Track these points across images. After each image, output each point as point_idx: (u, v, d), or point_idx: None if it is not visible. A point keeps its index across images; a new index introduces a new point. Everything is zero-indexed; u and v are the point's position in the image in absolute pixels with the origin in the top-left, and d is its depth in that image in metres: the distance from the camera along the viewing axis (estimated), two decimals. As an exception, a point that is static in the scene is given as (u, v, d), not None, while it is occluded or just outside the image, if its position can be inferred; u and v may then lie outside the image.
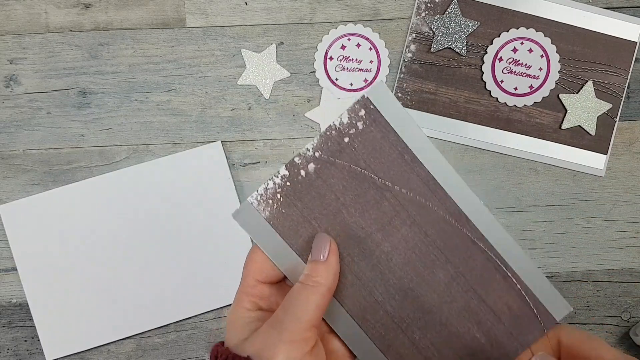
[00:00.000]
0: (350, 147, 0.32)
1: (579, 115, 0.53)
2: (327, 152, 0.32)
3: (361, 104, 0.32)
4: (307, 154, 0.32)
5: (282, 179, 0.32)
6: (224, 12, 0.54)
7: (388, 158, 0.32)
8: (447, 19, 0.52)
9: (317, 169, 0.32)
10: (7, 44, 0.53)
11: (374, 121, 0.32)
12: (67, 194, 0.52)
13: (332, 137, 0.32)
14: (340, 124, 0.32)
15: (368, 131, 0.32)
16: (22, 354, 0.53)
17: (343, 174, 0.32)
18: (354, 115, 0.32)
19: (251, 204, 0.32)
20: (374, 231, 0.33)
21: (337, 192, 0.32)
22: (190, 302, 0.52)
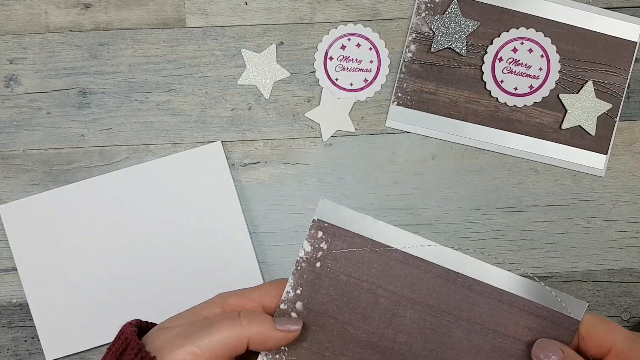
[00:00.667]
0: (325, 269, 0.33)
1: (579, 115, 0.53)
2: (306, 285, 0.33)
3: (315, 227, 0.33)
4: (288, 296, 0.33)
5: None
6: (224, 12, 0.54)
7: (363, 260, 0.33)
8: (447, 19, 0.52)
9: (305, 305, 0.33)
10: (7, 44, 0.53)
11: (334, 235, 0.33)
12: (67, 194, 0.52)
13: (305, 269, 0.33)
14: (305, 254, 0.33)
15: (333, 246, 0.33)
16: (22, 354, 0.53)
17: (331, 296, 0.33)
18: (313, 240, 0.33)
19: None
20: (384, 330, 0.33)
21: (334, 315, 0.33)
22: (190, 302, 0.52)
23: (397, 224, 0.54)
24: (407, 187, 0.53)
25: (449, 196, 0.53)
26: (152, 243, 0.52)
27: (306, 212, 0.53)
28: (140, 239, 0.52)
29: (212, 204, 0.52)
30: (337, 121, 0.53)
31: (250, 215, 0.53)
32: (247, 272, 0.52)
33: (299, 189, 0.53)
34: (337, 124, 0.53)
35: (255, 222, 0.53)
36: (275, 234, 0.53)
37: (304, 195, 0.53)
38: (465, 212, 0.53)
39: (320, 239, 0.33)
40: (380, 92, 0.54)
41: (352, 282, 0.33)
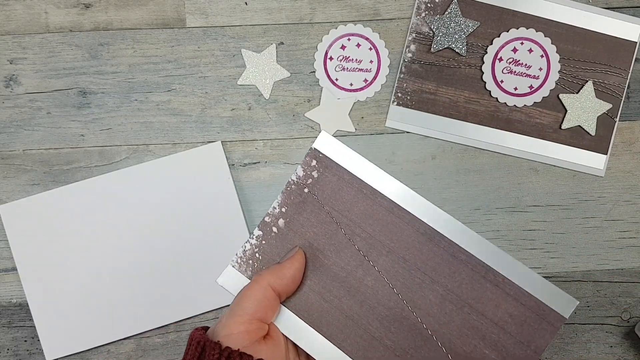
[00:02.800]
0: (312, 196, 0.34)
1: (579, 115, 0.53)
2: (292, 205, 0.34)
3: (311, 156, 0.34)
4: (274, 211, 0.34)
5: (257, 239, 0.34)
6: (224, 12, 0.54)
7: (348, 197, 0.34)
8: (447, 19, 0.52)
9: (286, 223, 0.34)
10: (7, 44, 0.53)
11: (326, 167, 0.34)
12: (67, 194, 0.52)
13: (293, 191, 0.34)
14: (297, 177, 0.34)
15: (323, 177, 0.34)
16: (22, 354, 0.53)
17: (311, 222, 0.34)
18: (307, 167, 0.34)
19: (233, 267, 0.34)
20: (353, 268, 0.33)
21: (309, 240, 0.34)
22: (190, 302, 0.52)
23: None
24: (407, 187, 0.53)
25: (449, 196, 0.53)
26: (152, 243, 0.52)
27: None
28: (140, 239, 0.52)
29: (212, 204, 0.52)
30: (337, 121, 0.53)
31: (250, 215, 0.53)
32: (247, 272, 0.52)
33: (299, 189, 0.53)
34: (337, 124, 0.53)
35: (255, 222, 0.53)
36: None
37: (304, 195, 0.53)
38: (465, 212, 0.53)
39: (313, 167, 0.34)
40: (380, 92, 0.54)
41: (333, 215, 0.34)
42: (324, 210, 0.34)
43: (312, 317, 0.33)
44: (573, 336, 0.53)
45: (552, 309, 0.31)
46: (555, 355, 0.53)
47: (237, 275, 0.34)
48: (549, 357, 0.53)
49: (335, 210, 0.34)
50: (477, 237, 0.32)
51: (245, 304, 0.31)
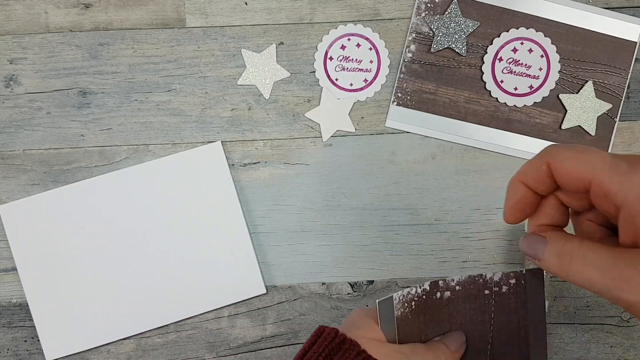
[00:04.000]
0: (485, 299, 0.36)
1: (579, 115, 0.53)
2: (466, 291, 0.36)
3: (516, 275, 0.36)
4: (450, 282, 0.36)
5: (422, 292, 0.36)
6: (224, 12, 0.54)
7: (508, 325, 0.36)
8: (447, 19, 0.52)
9: (449, 299, 0.36)
10: (7, 44, 0.53)
11: (516, 293, 0.36)
12: (67, 194, 0.52)
13: (477, 283, 0.36)
14: (489, 278, 0.36)
15: (507, 296, 0.36)
16: (22, 354, 0.53)
17: (466, 316, 0.36)
18: (505, 279, 0.36)
19: (394, 299, 0.36)
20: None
21: (453, 326, 0.37)
22: (190, 302, 0.52)
23: (397, 224, 0.54)
24: (407, 187, 0.53)
25: (449, 196, 0.53)
26: (152, 243, 0.52)
27: (306, 212, 0.53)
28: (140, 239, 0.52)
29: (212, 204, 0.52)
30: (337, 121, 0.53)
31: (250, 215, 0.53)
32: (247, 272, 0.52)
33: (298, 189, 0.53)
34: (337, 124, 0.53)
35: (255, 222, 0.53)
36: (275, 234, 0.53)
37: (303, 195, 0.53)
38: (465, 212, 0.53)
39: (508, 283, 0.36)
40: (380, 92, 0.54)
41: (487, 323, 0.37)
42: (484, 317, 0.36)
43: None
44: (573, 336, 0.53)
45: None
46: (555, 355, 0.53)
47: (391, 309, 0.36)
48: (549, 357, 0.53)
49: (491, 325, 0.36)
50: None
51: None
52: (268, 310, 0.53)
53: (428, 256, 0.53)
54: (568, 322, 0.53)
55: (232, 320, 0.53)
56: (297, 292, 0.53)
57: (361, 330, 0.36)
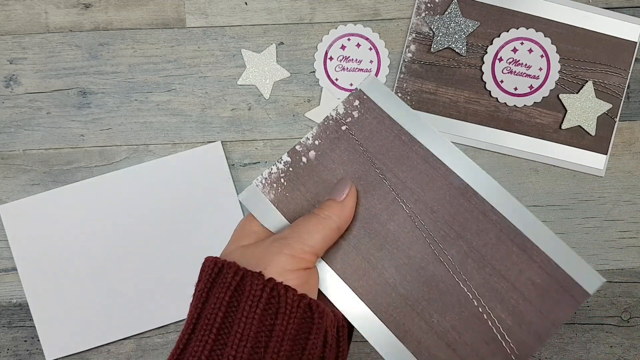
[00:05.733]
0: (348, 134, 0.34)
1: (579, 115, 0.53)
2: (326, 140, 0.34)
3: (355, 96, 0.34)
4: (307, 142, 0.34)
5: (285, 165, 0.34)
6: (224, 12, 0.54)
7: (385, 141, 0.33)
8: (447, 19, 0.52)
9: (317, 156, 0.34)
10: (7, 44, 0.53)
11: (368, 109, 0.34)
12: (67, 194, 0.52)
13: (330, 126, 0.34)
14: (337, 114, 0.34)
15: (363, 118, 0.34)
16: (22, 354, 0.53)
17: (343, 159, 0.33)
18: (349, 105, 0.34)
19: (256, 186, 0.34)
20: (378, 212, 0.32)
21: (337, 176, 0.33)
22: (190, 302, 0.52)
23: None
24: (407, 187, 0.53)
25: (449, 196, 0.53)
26: (152, 243, 0.52)
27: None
28: (140, 238, 0.52)
29: (212, 204, 0.52)
30: (337, 121, 0.53)
31: (250, 215, 0.53)
32: (247, 272, 0.52)
33: (299, 189, 0.53)
34: (337, 124, 0.53)
35: (255, 222, 0.53)
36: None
37: (304, 195, 0.53)
38: (465, 212, 0.53)
39: (355, 107, 0.34)
40: (380, 92, 0.54)
41: (366, 155, 0.33)
42: (359, 149, 0.33)
43: (328, 253, 0.32)
44: (573, 336, 0.53)
45: (578, 283, 0.30)
46: (555, 355, 0.53)
47: (260, 196, 0.34)
48: (549, 357, 0.53)
49: (370, 151, 0.33)
50: (512, 200, 0.31)
51: (310, 240, 0.30)
52: (268, 310, 0.53)
53: (428, 256, 0.53)
54: (568, 322, 0.53)
55: (232, 320, 0.53)
56: (297, 292, 0.53)
57: (235, 242, 0.33)
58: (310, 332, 0.28)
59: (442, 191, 0.32)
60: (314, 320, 0.28)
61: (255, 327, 0.27)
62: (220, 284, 0.29)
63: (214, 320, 0.28)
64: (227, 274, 0.29)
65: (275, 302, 0.28)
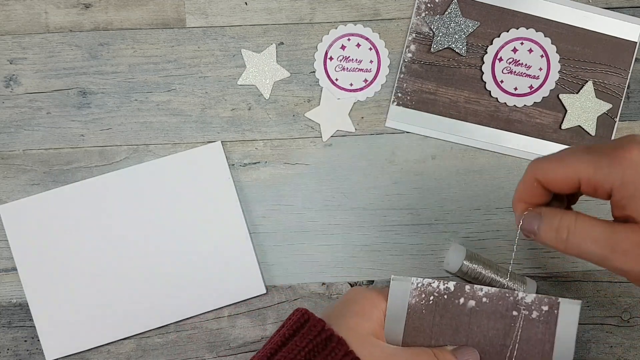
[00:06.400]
0: (511, 321, 0.33)
1: (579, 116, 0.53)
2: (493, 305, 0.33)
3: (550, 302, 0.33)
4: (478, 292, 0.34)
5: (445, 289, 0.34)
6: (224, 12, 0.54)
7: (529, 357, 0.33)
8: (447, 19, 0.52)
9: (473, 309, 0.34)
10: (7, 44, 0.53)
11: (547, 322, 0.33)
12: (67, 194, 0.52)
13: (506, 300, 0.33)
14: (521, 298, 0.33)
15: (536, 324, 0.33)
16: (22, 354, 0.53)
17: (488, 333, 0.33)
18: (537, 303, 0.33)
19: (412, 284, 0.34)
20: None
21: (470, 340, 0.33)
22: (190, 302, 0.52)
23: (397, 224, 0.54)
24: (407, 187, 0.53)
25: (449, 196, 0.53)
26: (152, 243, 0.52)
27: (306, 212, 0.53)
28: (140, 239, 0.52)
29: (212, 204, 0.52)
30: (337, 121, 0.53)
31: (250, 215, 0.53)
32: (247, 272, 0.52)
33: (298, 189, 0.53)
34: (337, 124, 0.53)
35: (255, 222, 0.53)
36: (275, 234, 0.53)
37: (304, 195, 0.53)
38: (465, 212, 0.53)
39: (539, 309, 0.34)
40: (380, 92, 0.54)
41: (507, 349, 0.34)
42: (507, 341, 0.33)
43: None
44: (573, 336, 0.53)
45: None
46: (555, 355, 0.53)
47: (406, 292, 0.34)
48: (549, 357, 0.53)
49: (511, 351, 0.33)
50: None
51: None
52: (268, 310, 0.53)
53: (428, 256, 0.53)
54: (568, 322, 0.53)
55: (232, 320, 0.53)
56: (297, 292, 0.53)
57: (355, 319, 0.33)
58: None
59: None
60: None
61: None
62: (328, 355, 0.30)
63: None
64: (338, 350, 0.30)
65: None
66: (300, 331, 0.31)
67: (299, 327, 0.31)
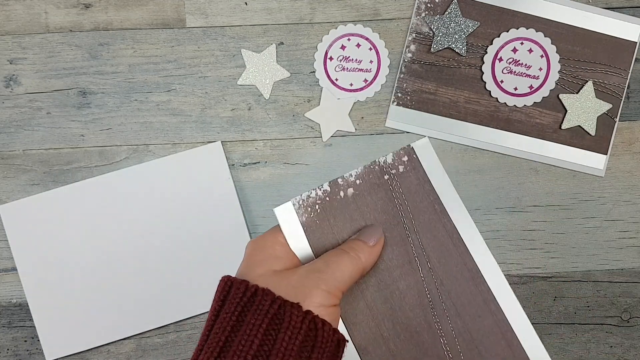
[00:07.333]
0: (388, 184, 0.35)
1: (579, 115, 0.53)
2: (367, 183, 0.35)
3: (405, 151, 0.35)
4: (349, 178, 0.35)
5: (323, 193, 0.35)
6: (224, 12, 0.54)
7: (420, 204, 0.35)
8: (447, 19, 0.52)
9: (354, 195, 0.35)
10: (7, 44, 0.53)
11: (413, 168, 0.35)
12: (67, 194, 0.52)
13: (374, 171, 0.35)
14: (383, 162, 0.35)
15: (406, 175, 0.35)
16: (22, 354, 0.53)
17: (376, 206, 0.35)
18: (397, 158, 0.35)
19: (292, 204, 0.34)
20: (393, 266, 0.34)
21: (367, 220, 0.35)
22: (190, 302, 0.52)
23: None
24: (407, 187, 0.53)
25: (449, 196, 0.53)
26: (152, 243, 0.52)
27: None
28: (140, 239, 0.52)
29: (212, 204, 0.52)
30: (337, 121, 0.53)
31: (250, 215, 0.53)
32: (247, 272, 0.52)
33: (299, 189, 0.53)
34: (337, 124, 0.53)
35: (255, 222, 0.53)
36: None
37: (304, 195, 0.53)
38: (465, 212, 0.53)
39: (402, 162, 0.35)
40: (380, 92, 0.54)
41: (398, 210, 0.35)
42: (394, 202, 0.35)
43: None
44: (573, 336, 0.53)
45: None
46: (555, 355, 0.53)
47: (293, 215, 0.34)
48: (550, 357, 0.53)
49: (403, 208, 0.35)
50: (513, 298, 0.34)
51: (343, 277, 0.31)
52: (268, 310, 0.53)
53: (428, 256, 0.53)
54: (568, 322, 0.53)
55: (232, 320, 0.53)
56: (297, 292, 0.53)
57: (263, 266, 0.32)
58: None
59: (455, 268, 0.34)
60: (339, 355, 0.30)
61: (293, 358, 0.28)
62: (256, 310, 0.29)
63: (249, 347, 0.28)
64: (264, 301, 0.29)
65: (312, 336, 0.28)
66: (227, 298, 0.31)
67: (226, 294, 0.31)
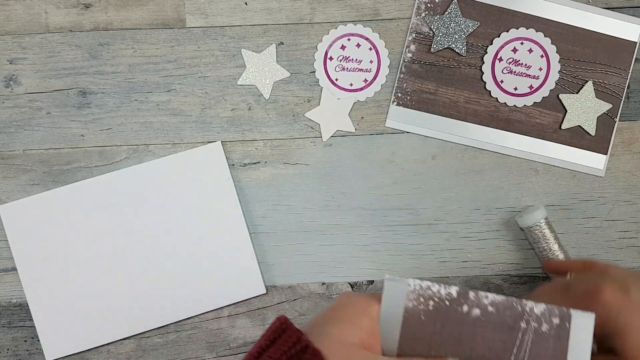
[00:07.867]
0: (520, 333, 0.31)
1: (579, 115, 0.53)
2: (499, 316, 0.31)
3: (561, 314, 0.31)
4: (483, 299, 0.31)
5: (447, 295, 0.31)
6: (224, 12, 0.54)
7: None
8: (447, 19, 0.52)
9: (478, 318, 0.31)
10: (7, 44, 0.53)
11: (558, 337, 0.31)
12: (67, 194, 0.52)
13: (514, 309, 0.31)
14: (529, 308, 0.31)
15: (545, 338, 0.31)
16: (22, 354, 0.53)
17: (493, 345, 0.31)
18: (547, 315, 0.31)
19: (408, 286, 0.31)
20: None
21: (474, 353, 0.31)
22: (190, 302, 0.52)
23: (397, 224, 0.54)
24: (407, 187, 0.53)
25: (449, 196, 0.53)
26: (152, 243, 0.52)
27: (306, 212, 0.53)
28: (140, 239, 0.52)
29: (212, 204, 0.52)
30: (337, 121, 0.53)
31: (250, 215, 0.53)
32: (247, 272, 0.52)
33: (298, 189, 0.53)
34: (337, 124, 0.53)
35: (255, 222, 0.53)
36: (275, 234, 0.53)
37: (304, 195, 0.53)
38: (465, 212, 0.53)
39: (549, 321, 0.31)
40: (380, 92, 0.54)
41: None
42: (513, 355, 0.31)
43: None
44: (573, 336, 0.53)
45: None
46: (555, 355, 0.53)
47: (401, 296, 0.31)
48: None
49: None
50: None
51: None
52: (268, 310, 0.53)
53: (428, 256, 0.53)
54: (568, 322, 0.53)
55: (232, 320, 0.53)
56: (297, 292, 0.53)
57: (339, 327, 0.30)
58: None
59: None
60: None
61: None
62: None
63: None
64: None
65: None
66: (276, 342, 0.29)
67: (276, 337, 0.29)
